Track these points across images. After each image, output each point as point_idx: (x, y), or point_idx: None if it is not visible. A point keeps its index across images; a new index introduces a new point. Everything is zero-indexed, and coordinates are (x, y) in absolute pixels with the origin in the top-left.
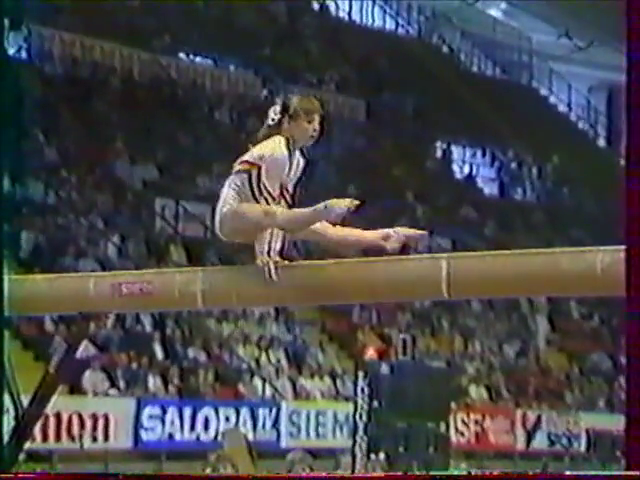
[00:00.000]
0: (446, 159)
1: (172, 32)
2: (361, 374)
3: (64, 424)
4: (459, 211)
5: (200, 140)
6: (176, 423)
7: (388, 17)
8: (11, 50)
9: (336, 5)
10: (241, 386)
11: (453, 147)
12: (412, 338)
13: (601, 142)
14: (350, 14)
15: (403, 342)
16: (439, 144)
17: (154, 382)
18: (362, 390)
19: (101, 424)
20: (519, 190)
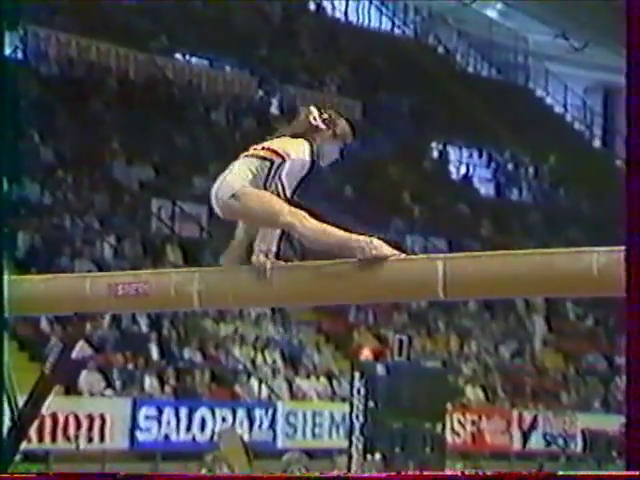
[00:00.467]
0: (442, 159)
1: (168, 32)
2: (357, 374)
3: (60, 425)
4: (455, 211)
5: (196, 140)
6: (172, 423)
7: (384, 17)
8: (7, 50)
9: (332, 5)
10: (237, 387)
11: (449, 147)
12: (408, 338)
13: (597, 143)
14: (346, 14)
15: (399, 342)
16: (435, 144)
17: (150, 382)
18: (358, 390)
19: (97, 425)
20: (515, 190)
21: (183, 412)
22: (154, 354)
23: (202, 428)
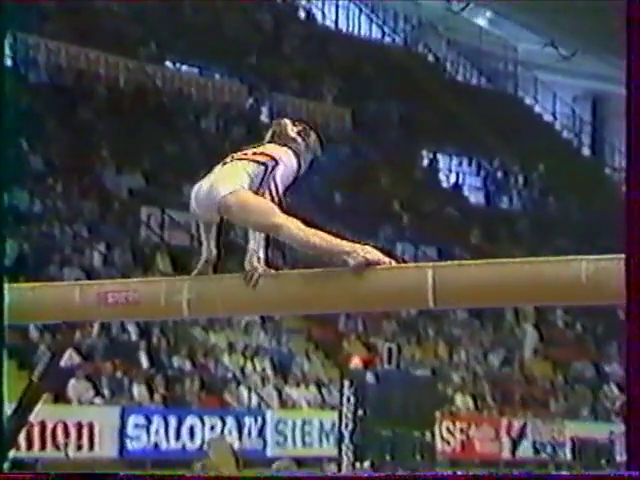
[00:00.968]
0: (432, 168)
1: (158, 40)
2: (347, 383)
3: (49, 433)
4: (445, 219)
5: (186, 148)
6: (161, 432)
7: (374, 26)
8: None
9: (322, 14)
10: (227, 395)
11: (439, 156)
12: (397, 347)
13: (586, 151)
14: (336, 23)
15: (389, 351)
16: (425, 153)
17: (139, 391)
18: (348, 399)
19: (86, 433)
20: (505, 199)
21: (172, 420)
22: (143, 362)
23: (191, 436)
